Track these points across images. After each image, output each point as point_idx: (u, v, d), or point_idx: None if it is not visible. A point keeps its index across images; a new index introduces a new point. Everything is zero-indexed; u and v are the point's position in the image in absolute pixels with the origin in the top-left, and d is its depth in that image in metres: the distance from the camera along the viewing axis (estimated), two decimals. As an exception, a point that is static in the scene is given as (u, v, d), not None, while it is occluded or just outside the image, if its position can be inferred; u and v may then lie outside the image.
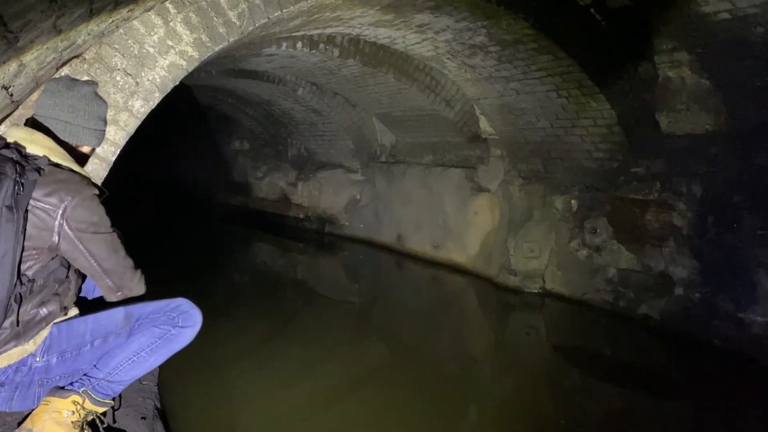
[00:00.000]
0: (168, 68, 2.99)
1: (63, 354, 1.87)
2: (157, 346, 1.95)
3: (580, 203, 6.12)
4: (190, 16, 3.01)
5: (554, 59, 5.11)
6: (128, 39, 2.83)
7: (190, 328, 1.99)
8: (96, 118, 2.01)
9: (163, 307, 1.98)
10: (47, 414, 1.80)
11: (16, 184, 1.64)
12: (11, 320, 1.71)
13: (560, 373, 4.82)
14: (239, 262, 9.22)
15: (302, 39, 5.80)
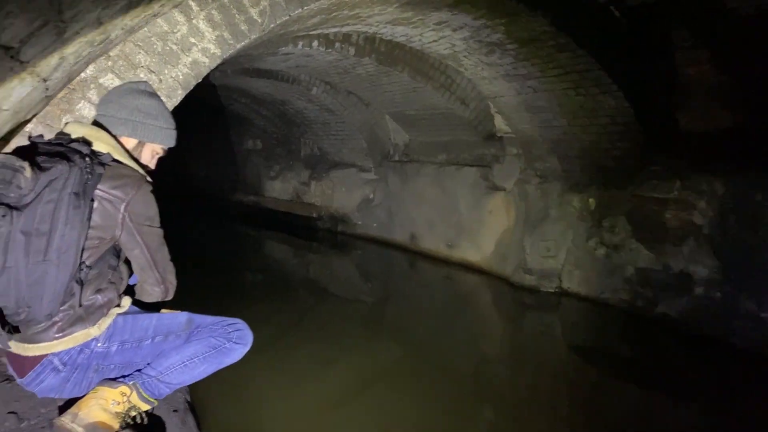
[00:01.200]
0: (190, 65, 3.00)
1: (124, 344, 1.93)
2: (210, 356, 2.01)
3: (598, 202, 6.08)
4: (213, 14, 3.02)
5: (573, 57, 5.08)
6: (152, 36, 2.83)
7: (242, 347, 2.07)
8: (130, 108, 2.04)
9: (221, 321, 2.08)
10: (94, 400, 1.84)
11: (84, 174, 1.72)
12: (71, 303, 1.78)
13: (577, 372, 4.79)
14: (252, 261, 9.25)
15: (318, 37, 5.79)
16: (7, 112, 1.66)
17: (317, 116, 9.94)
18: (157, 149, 2.17)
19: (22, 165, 1.63)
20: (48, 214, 1.66)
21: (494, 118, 7.18)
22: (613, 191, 5.96)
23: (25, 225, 1.64)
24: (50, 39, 1.36)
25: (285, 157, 12.30)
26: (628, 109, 5.33)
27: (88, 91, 2.61)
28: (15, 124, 1.98)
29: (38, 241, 1.66)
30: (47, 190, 1.66)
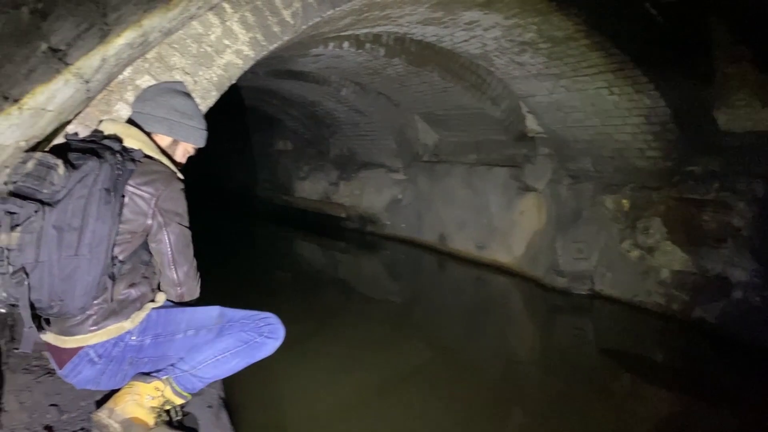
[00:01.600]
0: (224, 67, 3.03)
1: (157, 337, 1.96)
2: (241, 350, 2.02)
3: (632, 203, 5.97)
4: (246, 16, 3.05)
5: (606, 56, 5.00)
6: (187, 39, 2.88)
7: (274, 341, 2.07)
8: (167, 107, 2.09)
9: (253, 315, 2.09)
10: (129, 396, 1.88)
11: (115, 170, 1.76)
12: (104, 297, 1.82)
13: (610, 376, 4.70)
14: (282, 260, 9.33)
15: (349, 38, 5.82)
16: (52, 113, 1.71)
17: (347, 117, 9.98)
18: (190, 149, 2.22)
19: (56, 162, 1.67)
20: (79, 209, 1.70)
21: (525, 118, 7.11)
22: (647, 192, 5.85)
23: (58, 220, 1.67)
24: (94, 41, 1.39)
25: (315, 157, 12.38)
26: (664, 108, 5.23)
27: (125, 93, 2.66)
28: (58, 124, 2.04)
29: (70, 236, 1.69)
30: (78, 186, 1.70)
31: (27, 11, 0.87)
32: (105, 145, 1.83)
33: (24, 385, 2.19)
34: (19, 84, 1.16)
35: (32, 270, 1.68)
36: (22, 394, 2.13)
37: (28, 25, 0.92)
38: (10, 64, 1.01)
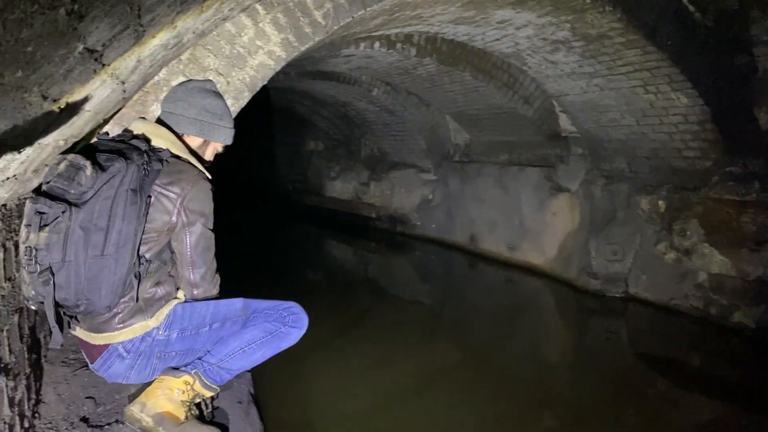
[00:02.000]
0: (257, 68, 3.07)
1: (183, 331, 1.99)
2: (267, 341, 2.06)
3: (668, 204, 5.83)
4: (278, 17, 3.08)
5: (642, 53, 4.90)
6: (220, 40, 2.93)
7: (298, 330, 2.11)
8: (198, 108, 2.11)
9: (276, 305, 2.11)
10: (160, 390, 1.92)
11: (141, 171, 1.79)
12: (131, 296, 1.86)
13: (644, 381, 4.60)
14: (313, 259, 9.40)
15: (380, 39, 5.83)
16: (89, 112, 1.75)
17: (377, 117, 9.99)
18: (219, 147, 2.24)
19: (84, 164, 1.71)
20: (105, 210, 1.73)
21: (559, 118, 7.01)
22: (684, 193, 5.70)
23: (84, 221, 1.70)
24: (129, 42, 1.42)
25: (345, 157, 12.44)
26: (702, 107, 5.09)
27: (160, 94, 2.72)
28: (95, 124, 2.09)
29: (96, 237, 1.72)
30: (105, 187, 1.73)
31: (64, 12, 0.90)
32: (133, 145, 1.87)
33: (62, 377, 2.26)
34: (58, 84, 1.20)
35: (59, 269, 1.71)
36: (60, 386, 2.19)
37: (65, 26, 0.95)
38: (49, 65, 1.04)
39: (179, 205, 1.90)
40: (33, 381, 2.05)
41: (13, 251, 1.77)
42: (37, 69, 1.00)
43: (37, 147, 1.46)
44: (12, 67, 0.89)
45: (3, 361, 1.65)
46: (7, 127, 1.11)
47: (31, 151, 1.43)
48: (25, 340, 1.92)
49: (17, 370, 1.80)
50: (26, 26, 0.81)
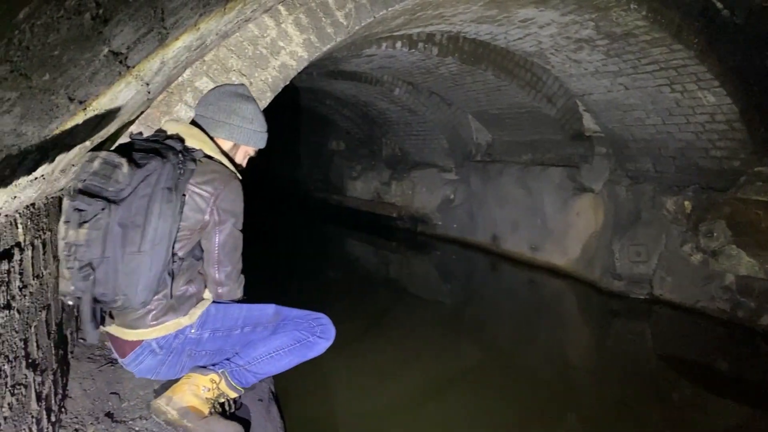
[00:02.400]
0: (279, 68, 3.09)
1: (215, 332, 2.03)
2: (294, 349, 2.09)
3: (695, 204, 5.72)
4: (300, 18, 3.10)
5: (668, 51, 4.82)
6: (243, 41, 2.95)
7: (325, 341, 2.13)
8: (228, 111, 2.14)
9: (307, 315, 2.15)
10: (187, 386, 1.96)
11: (177, 170, 1.83)
12: (164, 293, 1.90)
13: (669, 384, 4.53)
14: (334, 258, 9.43)
15: (402, 38, 5.83)
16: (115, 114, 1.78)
17: (399, 117, 9.99)
18: (250, 151, 2.26)
19: (120, 161, 1.74)
20: (142, 207, 1.76)
21: (582, 117, 6.93)
22: (711, 194, 5.60)
23: (122, 218, 1.74)
24: (153, 45, 1.45)
25: (367, 157, 12.46)
26: (730, 106, 4.99)
27: (185, 95, 2.76)
28: (120, 125, 2.12)
29: (133, 233, 1.75)
30: (142, 185, 1.76)
31: (89, 17, 0.91)
32: (168, 144, 1.90)
33: (87, 372, 2.30)
34: (84, 86, 1.22)
35: (98, 265, 1.75)
36: (86, 382, 2.23)
37: (90, 30, 0.97)
38: (75, 68, 1.06)
39: (212, 204, 1.93)
40: (60, 376, 2.09)
41: (41, 249, 1.81)
42: (63, 72, 1.02)
43: (64, 148, 1.49)
44: (40, 70, 0.91)
45: (31, 356, 1.69)
46: (36, 129, 1.14)
47: (59, 151, 1.47)
48: (52, 336, 1.96)
49: (45, 365, 1.84)
50: (53, 31, 0.83)
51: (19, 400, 1.54)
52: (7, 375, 1.46)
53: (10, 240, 1.50)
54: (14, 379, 1.51)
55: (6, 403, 1.43)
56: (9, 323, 1.49)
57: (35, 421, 1.69)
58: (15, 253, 1.54)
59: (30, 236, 1.70)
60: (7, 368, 1.45)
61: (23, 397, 1.58)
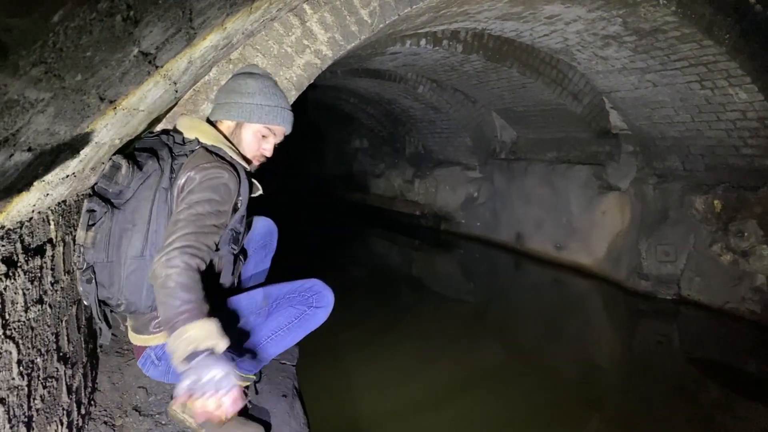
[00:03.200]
0: (304, 67, 3.11)
1: None
2: (294, 326, 2.00)
3: (725, 203, 5.60)
4: (325, 16, 3.11)
5: (699, 48, 4.72)
6: (268, 40, 2.98)
7: (324, 309, 2.02)
8: (227, 91, 2.02)
9: (297, 287, 2.02)
10: None
11: (171, 169, 1.77)
12: None
13: (697, 386, 4.44)
14: (356, 256, 9.45)
15: (426, 36, 5.81)
16: (143, 112, 1.81)
17: (423, 114, 9.97)
18: (261, 130, 2.01)
19: (120, 162, 1.72)
20: (144, 210, 1.73)
21: (609, 114, 6.84)
22: (742, 192, 5.47)
23: (123, 221, 1.72)
24: (181, 45, 1.47)
25: (390, 155, 12.47)
26: (762, 103, 4.87)
27: (211, 93, 2.79)
28: (148, 123, 2.16)
29: (136, 238, 1.73)
30: (143, 188, 1.73)
31: (120, 19, 0.93)
32: (162, 141, 1.85)
33: (116, 366, 2.35)
34: (114, 86, 1.24)
35: (102, 269, 1.74)
36: (114, 376, 2.28)
37: (121, 32, 0.99)
38: (106, 68, 1.08)
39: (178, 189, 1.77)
40: (89, 370, 2.14)
41: (71, 245, 1.85)
42: (95, 72, 1.04)
43: (94, 146, 1.52)
44: (72, 71, 0.93)
45: (62, 350, 1.73)
46: (68, 128, 1.16)
47: (89, 149, 1.50)
48: (82, 330, 2.01)
49: (75, 359, 1.89)
50: (85, 33, 0.85)
51: (50, 393, 1.58)
52: (40, 368, 1.49)
53: (42, 236, 1.54)
54: (46, 372, 1.55)
55: (38, 395, 1.47)
56: (41, 318, 1.52)
57: (66, 413, 1.73)
58: (47, 249, 1.58)
59: (61, 233, 1.74)
60: (39, 361, 1.49)
61: (55, 389, 1.62)
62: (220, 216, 1.74)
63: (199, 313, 1.55)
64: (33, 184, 1.23)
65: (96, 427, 1.98)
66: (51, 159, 1.23)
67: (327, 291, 2.04)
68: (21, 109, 0.86)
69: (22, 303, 1.35)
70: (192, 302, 1.55)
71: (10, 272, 1.27)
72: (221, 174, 1.75)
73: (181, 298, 1.54)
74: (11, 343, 1.28)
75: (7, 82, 0.75)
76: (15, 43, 0.70)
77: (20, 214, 1.31)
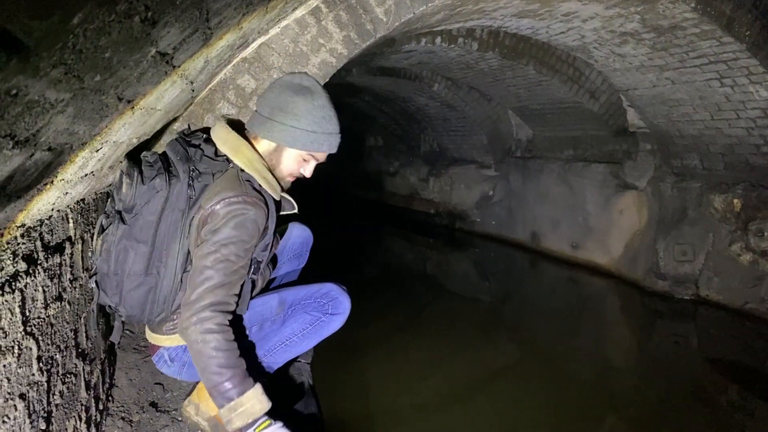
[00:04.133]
0: (319, 66, 3.12)
1: None
2: (308, 333, 1.98)
3: (745, 203, 5.52)
4: (340, 15, 3.11)
5: (718, 45, 4.66)
6: (284, 38, 2.98)
7: (340, 315, 1.99)
8: (272, 106, 1.82)
9: (314, 293, 1.98)
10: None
11: (189, 188, 1.69)
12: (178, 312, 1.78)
13: (715, 388, 4.39)
14: (371, 254, 9.47)
15: (441, 34, 5.79)
16: (160, 112, 1.83)
17: (438, 112, 9.95)
18: (304, 155, 1.87)
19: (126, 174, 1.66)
20: (147, 229, 1.67)
21: (626, 112, 6.77)
22: (762, 191, 5.39)
23: (129, 236, 1.67)
24: (198, 45, 1.48)
25: (405, 153, 12.45)
26: (784, 100, 4.80)
27: (227, 92, 2.81)
28: (165, 122, 2.18)
29: (139, 255, 1.68)
30: (147, 206, 1.66)
31: (138, 20, 0.94)
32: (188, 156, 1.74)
33: (133, 363, 2.37)
34: (132, 86, 1.26)
35: (107, 279, 1.71)
36: (132, 372, 2.31)
37: (139, 33, 1.00)
38: (124, 69, 1.09)
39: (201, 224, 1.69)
40: (107, 366, 2.16)
41: (90, 243, 1.88)
42: (113, 73, 1.06)
43: (112, 145, 1.54)
44: (91, 72, 0.94)
45: (80, 346, 1.76)
46: (87, 127, 1.18)
47: (107, 149, 1.51)
48: (100, 327, 2.03)
49: (93, 355, 1.91)
50: (104, 34, 0.86)
51: (69, 389, 1.60)
52: (59, 364, 1.52)
53: (61, 234, 1.56)
54: (65, 368, 1.58)
55: (58, 391, 1.49)
56: (60, 314, 1.55)
57: (84, 408, 1.75)
58: (66, 247, 1.60)
59: (80, 230, 1.76)
60: (58, 357, 1.51)
61: (73, 385, 1.64)
62: (246, 254, 1.69)
63: (244, 380, 1.59)
64: (53, 183, 1.25)
65: (113, 422, 2.00)
66: (70, 158, 1.24)
67: (343, 297, 1.99)
68: (41, 109, 0.87)
69: (41, 300, 1.38)
70: (235, 368, 1.59)
71: (31, 269, 1.29)
72: (248, 210, 1.66)
73: (225, 367, 1.57)
74: (31, 339, 1.30)
75: (28, 84, 0.77)
76: (36, 45, 0.71)
77: (40, 212, 1.33)
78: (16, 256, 1.21)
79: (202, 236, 1.66)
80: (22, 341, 1.24)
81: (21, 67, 0.71)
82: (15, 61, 0.69)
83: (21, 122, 0.84)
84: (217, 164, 1.73)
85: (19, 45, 0.67)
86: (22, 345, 1.24)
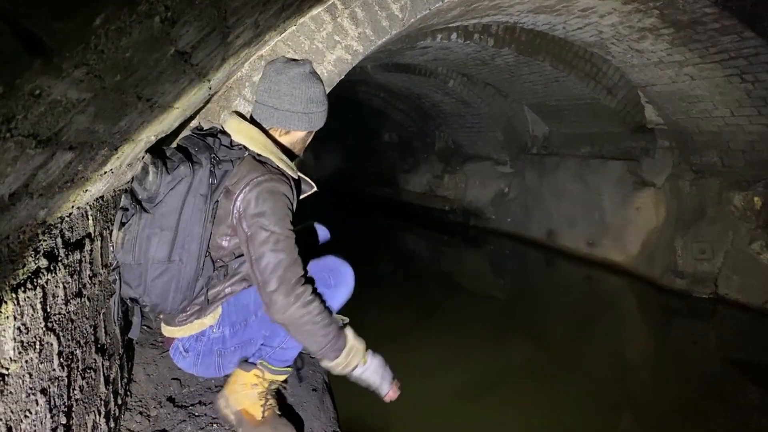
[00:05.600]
0: (335, 63, 3.12)
1: (233, 326, 1.90)
2: None
3: (765, 201, 5.44)
4: (356, 11, 3.11)
5: (739, 40, 4.58)
6: (300, 36, 2.99)
7: (344, 287, 1.98)
8: (305, 101, 1.88)
9: (312, 268, 1.92)
10: (237, 385, 1.95)
11: (210, 175, 1.71)
12: (201, 300, 1.82)
13: (734, 388, 4.34)
14: (385, 251, 9.47)
15: (457, 30, 5.77)
16: (178, 109, 1.84)
17: (453, 109, 9.91)
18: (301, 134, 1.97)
19: (148, 166, 1.68)
20: (173, 216, 1.69)
21: (644, 109, 6.69)
22: (784, 189, 5.31)
23: (152, 225, 1.69)
24: (215, 43, 1.49)
25: (420, 150, 12.43)
26: (806, 96, 4.71)
27: (243, 89, 2.82)
28: (183, 120, 2.19)
29: (163, 242, 1.69)
30: (172, 193, 1.68)
31: (158, 20, 0.95)
32: (207, 144, 1.79)
33: (151, 358, 2.40)
34: (151, 85, 1.27)
35: (130, 270, 1.72)
36: (149, 367, 2.33)
37: (159, 33, 1.00)
38: (144, 68, 1.10)
39: (235, 210, 1.73)
40: (125, 361, 2.19)
41: (108, 239, 1.90)
42: (133, 72, 1.06)
43: (131, 143, 1.56)
44: (112, 72, 0.95)
45: (100, 342, 1.78)
46: (106, 126, 1.19)
47: (126, 147, 1.53)
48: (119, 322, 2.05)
49: (112, 350, 1.94)
50: (125, 35, 0.87)
51: (89, 384, 1.62)
52: (79, 359, 1.54)
53: (81, 231, 1.58)
54: (85, 363, 1.60)
55: (78, 386, 1.51)
56: (80, 310, 1.57)
57: (104, 403, 1.78)
58: (86, 244, 1.63)
59: (99, 227, 1.78)
60: (78, 353, 1.54)
61: (93, 380, 1.67)
62: (291, 225, 1.79)
63: (340, 328, 1.84)
64: (73, 181, 1.27)
65: (132, 417, 2.03)
66: (90, 156, 1.26)
67: (345, 267, 2.02)
68: (63, 109, 0.88)
69: (62, 296, 1.39)
70: (334, 322, 1.81)
71: (51, 266, 1.31)
72: (277, 186, 1.75)
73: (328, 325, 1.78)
74: (52, 335, 1.32)
75: (51, 84, 0.77)
76: (59, 46, 0.72)
77: (61, 210, 1.35)
78: (38, 252, 1.23)
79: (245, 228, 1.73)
80: (44, 337, 1.26)
81: (44, 67, 0.72)
82: (39, 62, 0.70)
83: (44, 122, 0.85)
84: (235, 152, 1.79)
85: (42, 46, 0.68)
86: (43, 341, 1.26)
